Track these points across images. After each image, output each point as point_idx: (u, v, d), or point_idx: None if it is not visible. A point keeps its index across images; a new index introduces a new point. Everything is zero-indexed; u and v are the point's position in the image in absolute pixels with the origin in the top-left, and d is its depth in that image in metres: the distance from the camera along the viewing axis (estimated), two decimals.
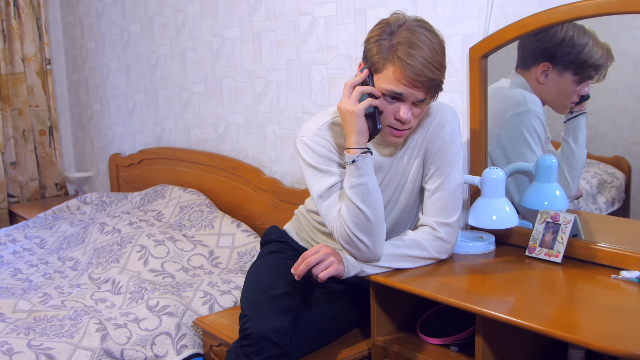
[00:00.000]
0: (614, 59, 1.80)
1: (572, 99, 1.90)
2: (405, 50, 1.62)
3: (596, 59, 1.83)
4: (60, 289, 2.55)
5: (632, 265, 1.70)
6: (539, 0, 1.87)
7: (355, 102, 1.68)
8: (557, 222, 1.82)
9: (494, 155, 2.05)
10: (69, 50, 4.44)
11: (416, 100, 1.68)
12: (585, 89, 1.87)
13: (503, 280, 1.71)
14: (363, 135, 1.70)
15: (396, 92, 1.66)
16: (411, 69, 1.62)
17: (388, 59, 1.65)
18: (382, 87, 1.67)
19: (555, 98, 1.94)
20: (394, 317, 1.87)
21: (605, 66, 1.82)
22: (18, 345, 2.02)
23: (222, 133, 3.20)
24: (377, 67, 1.68)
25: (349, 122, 1.69)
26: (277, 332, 1.71)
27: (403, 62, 1.62)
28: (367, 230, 1.71)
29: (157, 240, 2.75)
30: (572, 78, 1.89)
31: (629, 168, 1.89)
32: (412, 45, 1.62)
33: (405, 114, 1.68)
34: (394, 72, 1.64)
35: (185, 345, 2.22)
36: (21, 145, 4.30)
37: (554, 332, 1.37)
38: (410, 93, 1.66)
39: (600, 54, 1.82)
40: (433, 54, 1.64)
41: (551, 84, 1.93)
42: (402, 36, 1.64)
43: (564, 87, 1.91)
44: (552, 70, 1.92)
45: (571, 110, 1.91)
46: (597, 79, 1.85)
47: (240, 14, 2.95)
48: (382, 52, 1.66)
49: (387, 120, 1.72)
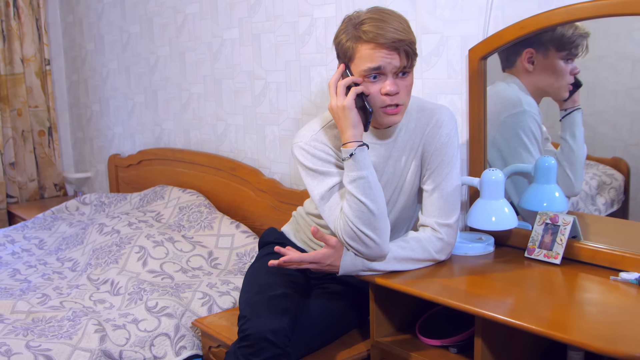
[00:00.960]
0: (589, 33, 1.82)
1: (566, 79, 1.90)
2: (370, 25, 1.68)
3: (571, 34, 1.85)
4: (59, 289, 2.55)
5: (631, 267, 1.70)
6: (538, 2, 1.87)
7: (342, 97, 1.71)
8: (556, 224, 1.82)
9: (491, 156, 2.05)
10: (69, 50, 4.44)
11: (396, 70, 1.70)
12: (576, 68, 1.88)
13: (502, 281, 1.71)
14: (358, 128, 1.72)
15: (374, 67, 1.69)
16: (381, 36, 1.66)
17: (357, 39, 1.70)
18: (361, 69, 1.71)
19: (550, 81, 1.94)
20: (393, 318, 1.87)
21: (583, 37, 1.84)
22: (16, 346, 2.02)
23: (222, 134, 3.20)
24: (350, 54, 1.72)
25: (342, 117, 1.71)
26: (276, 333, 1.71)
27: (371, 34, 1.67)
28: (371, 224, 1.70)
29: (156, 241, 2.74)
30: (557, 55, 1.89)
31: (628, 169, 1.89)
32: (375, 20, 1.69)
33: (390, 86, 1.70)
34: (365, 48, 1.69)
35: (184, 346, 2.22)
36: (20, 146, 4.30)
37: (553, 334, 1.37)
38: (387, 62, 1.68)
39: (573, 29, 1.84)
40: (397, 23, 1.69)
41: (540, 68, 1.93)
42: (365, 17, 1.71)
43: (553, 66, 1.91)
44: (536, 54, 1.93)
45: (565, 107, 1.90)
46: (581, 52, 1.86)
47: (239, 15, 2.96)
48: (351, 38, 1.71)
49: (377, 102, 1.73)
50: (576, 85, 1.88)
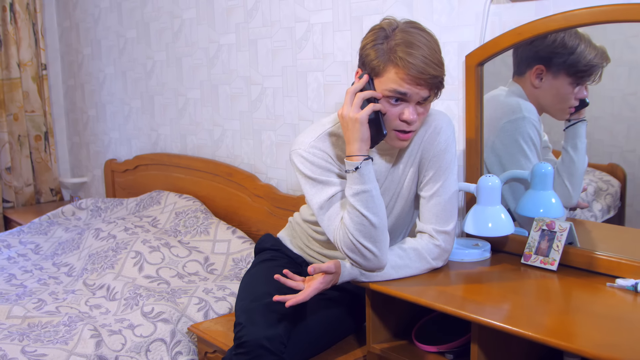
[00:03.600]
0: (609, 60, 1.80)
1: (569, 103, 1.89)
2: (405, 50, 1.63)
3: (589, 60, 1.82)
4: (55, 294, 2.54)
5: (628, 273, 1.70)
6: (535, 9, 1.88)
7: (357, 109, 1.68)
8: (553, 230, 1.82)
9: (489, 162, 2.05)
10: (65, 55, 4.43)
11: (420, 99, 1.68)
12: (584, 92, 1.86)
13: (499, 288, 1.71)
14: (366, 142, 1.69)
15: (401, 92, 1.66)
16: (414, 67, 1.62)
17: (389, 60, 1.65)
18: (385, 89, 1.67)
19: (552, 102, 1.94)
20: (390, 324, 1.87)
21: (599, 67, 1.82)
22: (12, 352, 2.01)
23: (218, 139, 3.20)
24: (378, 70, 1.68)
25: (352, 129, 1.68)
26: (272, 340, 1.70)
27: (405, 61, 1.62)
28: (371, 237, 1.70)
29: (152, 247, 2.74)
30: (567, 80, 1.88)
31: (624, 176, 1.89)
32: (410, 45, 1.63)
33: (411, 114, 1.68)
34: (396, 72, 1.64)
35: (180, 351, 2.21)
36: (16, 151, 4.29)
37: (549, 340, 1.37)
38: (415, 92, 1.66)
39: (594, 55, 1.82)
40: (432, 52, 1.65)
41: (547, 87, 1.93)
42: (399, 37, 1.65)
43: (559, 89, 1.91)
44: (546, 72, 1.92)
45: (569, 118, 1.90)
46: (592, 80, 1.84)
47: (236, 21, 2.96)
48: (381, 56, 1.66)
49: (391, 124, 1.71)
50: (582, 104, 1.88)
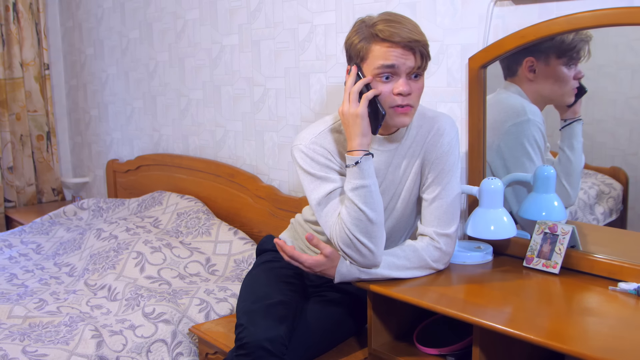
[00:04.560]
0: (591, 36, 1.80)
1: (570, 85, 1.88)
2: (385, 24, 1.68)
3: (571, 39, 1.83)
4: (56, 294, 2.54)
5: (630, 277, 1.69)
6: (538, 11, 1.88)
7: (355, 104, 1.70)
8: (555, 233, 1.82)
9: (494, 165, 2.04)
10: (68, 55, 4.44)
11: (409, 70, 1.69)
12: (580, 72, 1.85)
13: (500, 290, 1.71)
14: (366, 137, 1.71)
15: (388, 65, 1.67)
16: (396, 35, 1.65)
17: (371, 38, 1.69)
18: (373, 67, 1.69)
19: (553, 88, 1.93)
20: (391, 326, 1.87)
21: (584, 43, 1.82)
22: (13, 352, 2.01)
23: (220, 140, 3.20)
24: (363, 53, 1.71)
25: (352, 124, 1.70)
26: (273, 341, 1.70)
27: (386, 32, 1.66)
28: (368, 233, 1.70)
29: (153, 247, 2.74)
30: (559, 62, 1.88)
31: (627, 179, 1.89)
32: (389, 20, 1.68)
33: (403, 86, 1.69)
34: (380, 46, 1.68)
35: (181, 352, 2.21)
36: (19, 150, 4.29)
37: (551, 344, 1.37)
38: (402, 62, 1.67)
39: (572, 35, 1.82)
40: (412, 25, 1.70)
41: (542, 76, 1.93)
42: (378, 19, 1.70)
43: (556, 73, 1.90)
44: (537, 63, 1.92)
45: (566, 117, 1.90)
46: (582, 56, 1.84)
47: (239, 22, 2.96)
48: (364, 39, 1.70)
49: (388, 102, 1.71)
50: (580, 91, 1.87)
